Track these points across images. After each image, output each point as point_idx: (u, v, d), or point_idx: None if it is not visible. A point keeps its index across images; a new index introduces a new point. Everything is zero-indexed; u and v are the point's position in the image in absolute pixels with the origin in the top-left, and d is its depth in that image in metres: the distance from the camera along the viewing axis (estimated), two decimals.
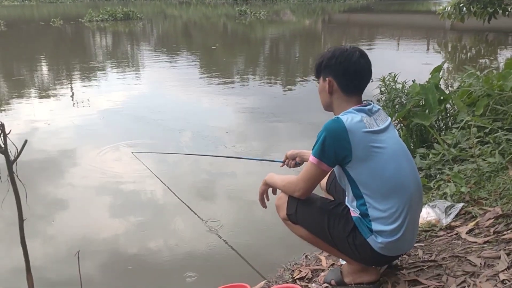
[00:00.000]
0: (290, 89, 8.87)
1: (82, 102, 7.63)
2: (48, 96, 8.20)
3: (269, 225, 3.28)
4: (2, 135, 1.32)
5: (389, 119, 2.06)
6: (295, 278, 2.40)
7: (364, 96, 2.09)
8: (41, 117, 6.54)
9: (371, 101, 3.29)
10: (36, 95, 8.28)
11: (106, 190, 4.16)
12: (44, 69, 11.41)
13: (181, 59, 12.75)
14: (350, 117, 1.88)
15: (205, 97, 7.95)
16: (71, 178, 4.44)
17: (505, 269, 1.87)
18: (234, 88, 8.81)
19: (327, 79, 2.01)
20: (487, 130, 3.49)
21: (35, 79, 10.03)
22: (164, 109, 7.10)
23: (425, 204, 2.85)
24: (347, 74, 1.97)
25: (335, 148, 1.87)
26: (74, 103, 7.65)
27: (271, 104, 7.38)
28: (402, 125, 4.19)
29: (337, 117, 1.91)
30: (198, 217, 3.53)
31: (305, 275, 2.40)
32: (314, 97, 2.47)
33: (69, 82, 9.66)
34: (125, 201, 3.94)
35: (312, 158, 1.93)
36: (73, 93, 8.44)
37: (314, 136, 1.96)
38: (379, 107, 2.07)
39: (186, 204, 3.73)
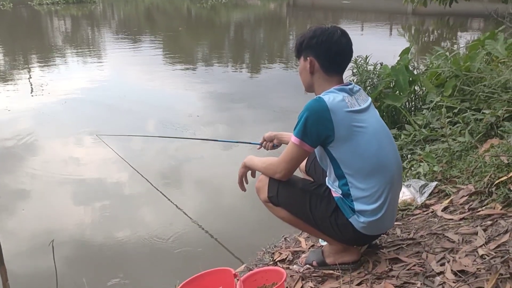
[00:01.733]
0: (256, 74, 8.81)
1: (42, 88, 7.31)
2: (5, 83, 7.83)
3: (244, 209, 3.26)
4: None
5: (370, 99, 2.05)
6: (276, 260, 2.39)
7: None
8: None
9: (352, 80, 3.29)
10: None
11: (72, 177, 4.01)
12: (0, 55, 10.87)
13: (144, 43, 12.44)
14: (332, 97, 1.86)
15: (170, 82, 7.79)
16: (34, 166, 4.25)
17: (483, 244, 1.91)
18: (199, 73, 8.67)
19: (308, 58, 1.98)
20: (456, 111, 3.56)
21: None
22: (128, 95, 6.90)
23: None
24: (329, 54, 1.94)
25: (317, 128, 1.84)
26: (33, 90, 7.32)
27: (237, 89, 7.31)
28: (374, 106, 4.23)
29: (319, 96, 1.88)
30: (170, 201, 3.46)
31: (286, 257, 2.39)
32: (279, 82, 2.44)
33: (26, 68, 9.24)
34: (92, 187, 3.82)
35: (294, 139, 1.90)
36: (31, 80, 8.07)
37: (281, 120, 1.93)
38: (360, 87, 2.06)
39: (156, 188, 3.65)
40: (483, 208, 2.26)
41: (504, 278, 1.56)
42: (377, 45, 9.93)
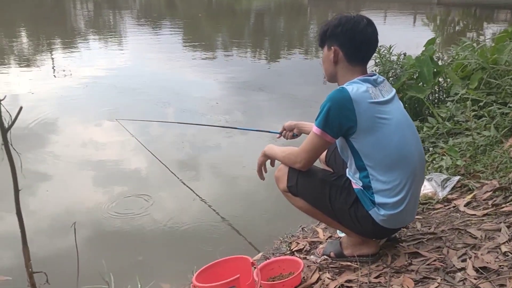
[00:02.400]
0: (276, 62, 8.76)
1: (64, 72, 7.41)
2: (29, 66, 7.94)
3: (262, 197, 3.25)
4: None
5: (394, 90, 2.01)
6: (293, 250, 2.38)
7: None
8: (23, 87, 6.33)
9: (374, 71, 3.21)
10: (16, 65, 8.00)
11: (92, 160, 4.07)
12: (23, 39, 11.02)
13: (164, 29, 12.47)
14: (355, 87, 1.82)
15: (190, 68, 7.81)
16: (56, 148, 4.32)
17: (506, 241, 1.87)
18: (219, 60, 8.67)
19: (332, 47, 1.94)
20: (481, 104, 3.48)
21: (14, 48, 9.69)
22: (148, 80, 6.95)
23: None
24: (354, 43, 1.90)
25: (339, 118, 1.81)
26: (55, 73, 7.43)
27: (257, 77, 7.28)
28: None
29: (342, 87, 1.85)
30: (189, 188, 3.48)
31: (303, 247, 2.38)
32: (299, 70, 2.41)
33: (49, 51, 9.36)
34: (113, 170, 3.87)
35: (315, 129, 1.87)
36: (54, 64, 8.18)
37: (300, 108, 1.90)
38: (384, 78, 2.01)
39: (176, 175, 3.68)
40: (507, 204, 2.21)
41: None
42: (400, 35, 9.75)
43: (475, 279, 1.68)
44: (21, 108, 1.27)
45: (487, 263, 1.74)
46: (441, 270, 1.80)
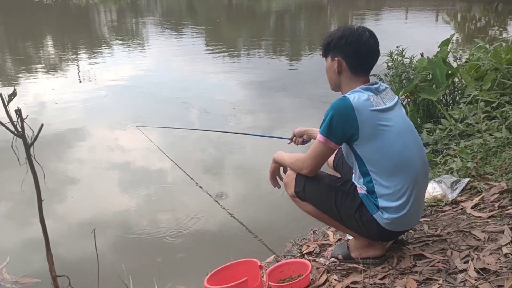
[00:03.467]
0: (296, 63, 8.83)
1: (89, 78, 7.69)
2: (55, 74, 8.25)
3: (277, 201, 3.34)
4: (19, 120, 1.36)
5: (396, 97, 2.07)
6: (303, 252, 2.47)
7: (371, 71, 2.11)
8: (48, 95, 6.60)
9: (380, 77, 3.26)
10: (42, 73, 8.32)
11: (115, 166, 4.25)
12: (48, 48, 11.40)
13: (186, 33, 12.69)
14: (357, 96, 1.90)
15: (211, 72, 7.96)
16: (80, 155, 4.52)
17: (508, 243, 1.91)
18: (241, 62, 8.80)
19: (336, 58, 2.02)
20: (494, 105, 3.49)
21: (39, 57, 10.04)
22: (170, 84, 7.14)
23: (431, 179, 2.88)
24: (357, 55, 1.98)
25: (342, 126, 1.89)
26: (80, 80, 7.71)
27: (278, 78, 7.38)
28: (409, 100, 4.20)
29: (345, 96, 1.93)
30: (207, 193, 3.60)
31: (313, 250, 2.47)
32: (319, 71, 2.49)
33: (74, 59, 9.67)
34: (134, 176, 4.02)
35: (319, 136, 1.96)
36: (79, 70, 8.47)
37: (321, 109, 1.98)
38: (386, 86, 2.08)
39: (193, 180, 3.80)
40: None
41: None
42: (422, 33, 9.70)
43: (475, 280, 1.73)
44: (42, 125, 1.40)
45: (488, 264, 1.80)
46: (444, 271, 1.86)
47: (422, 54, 4.33)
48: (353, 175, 2.08)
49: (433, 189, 2.75)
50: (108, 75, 7.77)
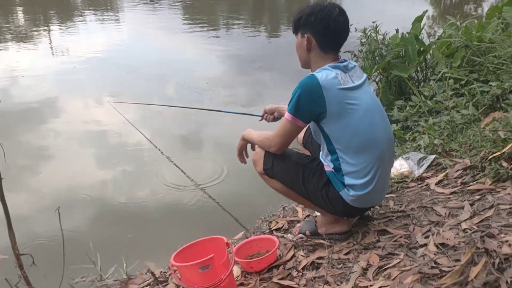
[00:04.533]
0: (275, 37, 8.75)
1: (62, 51, 7.48)
2: (25, 46, 7.99)
3: (250, 178, 3.35)
4: None
5: (365, 75, 2.09)
6: (272, 229, 2.51)
7: (346, 48, 2.11)
8: (19, 67, 6.41)
9: (354, 54, 3.23)
10: (12, 45, 8.05)
11: (87, 142, 4.20)
12: (18, 19, 11.00)
13: (163, 6, 12.39)
14: (325, 74, 1.90)
15: (189, 46, 7.83)
16: (52, 129, 4.45)
17: (468, 218, 1.98)
18: (219, 36, 8.66)
19: (305, 35, 2.01)
20: (463, 82, 3.55)
21: (10, 29, 9.70)
22: (146, 58, 7.01)
23: (399, 156, 2.94)
24: (327, 31, 1.97)
25: (309, 104, 1.90)
26: (53, 53, 7.49)
27: (257, 53, 7.32)
28: (382, 77, 4.23)
29: (312, 74, 1.93)
30: (179, 168, 3.60)
31: (282, 226, 2.51)
32: None
33: (46, 29, 9.38)
34: (106, 152, 3.99)
35: (287, 115, 1.97)
36: (50, 41, 8.23)
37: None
38: (355, 64, 2.09)
39: (166, 156, 3.79)
40: (474, 182, 2.31)
41: (480, 252, 1.63)
42: (400, 9, 9.68)
43: (434, 254, 1.79)
44: None
45: (447, 239, 1.86)
46: (405, 246, 1.92)
47: (397, 31, 4.34)
48: (321, 152, 2.11)
49: (401, 166, 2.81)
50: (82, 47, 7.56)
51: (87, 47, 7.47)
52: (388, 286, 1.63)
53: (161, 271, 2.20)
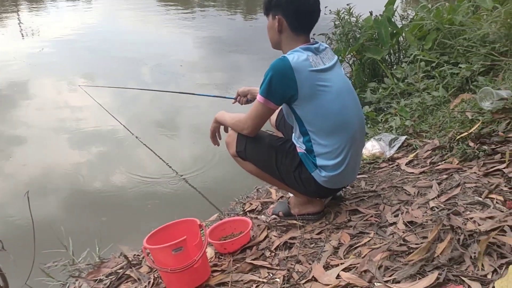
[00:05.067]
0: (252, 19, 8.68)
1: (32, 33, 7.26)
2: None
3: (224, 160, 3.36)
4: None
5: (336, 57, 2.10)
6: (246, 210, 2.53)
7: (320, 30, 2.11)
8: None
9: (328, 36, 3.22)
10: None
11: (58, 126, 4.12)
12: None
13: None
14: (296, 56, 1.91)
15: (163, 28, 7.70)
16: (21, 113, 4.35)
17: (435, 197, 2.03)
18: (195, 18, 8.54)
19: (276, 17, 2.00)
20: (434, 64, 3.60)
21: None
22: (120, 40, 6.89)
23: (372, 137, 2.99)
24: (298, 13, 1.97)
25: (281, 87, 1.90)
26: (22, 33, 7.27)
27: (234, 35, 7.26)
28: (355, 59, 4.26)
29: (284, 56, 1.93)
30: (153, 151, 3.57)
31: (255, 208, 2.53)
32: None
33: (14, 10, 9.08)
34: (79, 136, 3.93)
35: (259, 97, 1.97)
36: (20, 23, 7.98)
37: None
38: (327, 45, 2.10)
39: (140, 140, 3.76)
40: (442, 162, 2.37)
41: (446, 229, 1.68)
42: None
43: (403, 232, 1.84)
44: None
45: (416, 217, 1.91)
46: (376, 225, 1.97)
47: (371, 13, 4.36)
48: (293, 134, 2.12)
49: (373, 147, 2.85)
50: (52, 29, 7.36)
51: (58, 29, 7.28)
52: (358, 263, 1.67)
53: (135, 254, 2.19)
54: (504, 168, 2.05)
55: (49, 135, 3.94)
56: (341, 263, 1.71)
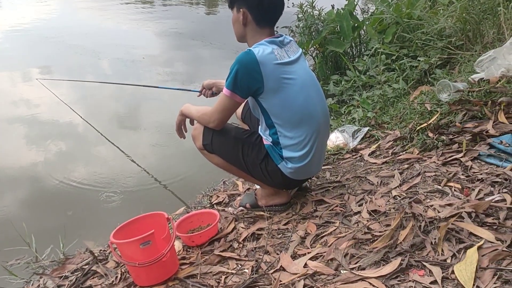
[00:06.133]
0: (214, 11, 8.61)
1: None
2: None
3: (189, 153, 3.34)
4: None
5: (300, 50, 2.13)
6: (213, 203, 2.53)
7: (283, 23, 2.13)
8: None
9: (291, 29, 3.23)
10: None
11: (18, 121, 3.97)
12: None
13: None
14: (261, 49, 1.92)
15: (123, 20, 7.54)
16: None
17: (397, 186, 2.10)
18: (155, 10, 8.39)
19: (241, 10, 2.01)
20: (394, 57, 3.70)
21: None
22: (77, 32, 6.68)
23: (335, 129, 3.05)
24: (261, 6, 1.98)
25: (247, 80, 1.91)
26: None
27: (196, 27, 7.18)
28: (318, 52, 4.31)
29: (249, 49, 1.94)
30: (116, 146, 3.51)
31: (222, 200, 2.54)
32: None
33: None
34: (40, 131, 3.81)
35: (225, 90, 1.97)
36: None
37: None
38: (291, 38, 2.12)
39: (102, 134, 3.69)
40: (403, 152, 2.45)
41: (408, 216, 1.74)
42: None
43: (367, 220, 1.90)
44: None
45: (379, 206, 1.97)
46: (341, 214, 2.02)
47: (332, 6, 4.43)
48: (259, 127, 2.14)
49: (336, 138, 2.91)
50: (6, 20, 7.06)
51: (12, 19, 6.98)
52: (324, 252, 1.71)
53: (101, 250, 2.16)
54: (461, 157, 2.14)
55: (5, 130, 3.79)
56: (308, 252, 1.75)
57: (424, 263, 1.46)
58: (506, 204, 1.66)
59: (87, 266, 1.98)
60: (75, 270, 1.98)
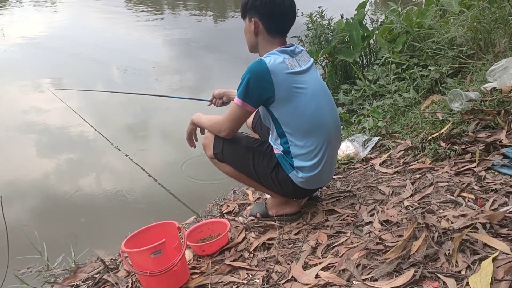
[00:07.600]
0: (223, 22, 8.67)
1: None
2: None
3: (200, 162, 3.35)
4: None
5: (312, 60, 2.13)
6: (223, 212, 2.53)
7: (292, 33, 2.13)
8: None
9: (300, 39, 3.24)
10: None
11: (30, 130, 4.01)
12: None
13: None
14: (273, 59, 1.92)
15: (133, 29, 7.60)
16: None
17: (409, 196, 2.09)
18: (164, 20, 8.47)
19: (252, 19, 2.02)
20: (404, 67, 3.69)
21: None
22: (87, 41, 6.74)
23: (345, 138, 3.04)
24: (272, 16, 1.99)
25: (258, 89, 1.92)
26: None
27: (205, 36, 7.22)
28: (328, 61, 4.31)
29: (260, 58, 1.95)
30: (127, 156, 3.52)
31: (233, 209, 2.53)
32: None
33: None
34: (52, 140, 3.84)
35: (236, 100, 1.97)
36: None
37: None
38: (302, 48, 2.13)
39: (113, 144, 3.70)
40: (415, 162, 2.43)
41: (421, 227, 1.72)
42: None
43: (379, 231, 1.88)
44: None
45: (391, 216, 1.95)
46: (352, 224, 2.00)
47: (342, 16, 4.44)
48: (270, 136, 2.14)
49: (347, 148, 2.90)
50: (18, 31, 7.15)
51: (24, 30, 7.07)
52: (336, 263, 1.69)
53: (112, 258, 2.16)
54: (474, 167, 2.11)
55: (18, 140, 3.82)
56: (320, 263, 1.74)
57: (438, 275, 1.43)
58: None
59: (98, 275, 1.98)
60: (86, 279, 1.99)
